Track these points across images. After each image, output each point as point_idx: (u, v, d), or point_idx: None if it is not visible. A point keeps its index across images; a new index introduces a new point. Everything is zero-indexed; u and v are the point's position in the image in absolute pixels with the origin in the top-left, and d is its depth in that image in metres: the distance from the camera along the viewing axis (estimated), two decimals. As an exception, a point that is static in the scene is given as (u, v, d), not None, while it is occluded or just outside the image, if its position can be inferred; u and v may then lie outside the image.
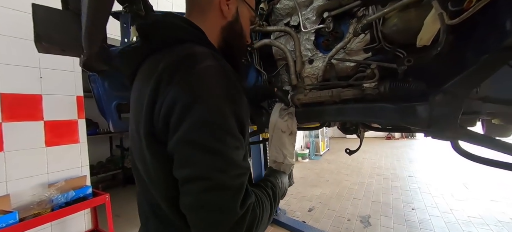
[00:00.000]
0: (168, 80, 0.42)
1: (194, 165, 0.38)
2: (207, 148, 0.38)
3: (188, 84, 0.40)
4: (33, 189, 1.64)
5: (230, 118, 0.40)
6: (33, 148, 1.68)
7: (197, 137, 0.38)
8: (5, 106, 1.56)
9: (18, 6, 1.62)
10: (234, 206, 0.38)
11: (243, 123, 0.44)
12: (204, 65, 0.42)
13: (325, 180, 4.34)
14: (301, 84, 1.08)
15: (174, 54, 0.46)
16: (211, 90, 0.40)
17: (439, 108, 0.62)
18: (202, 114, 0.38)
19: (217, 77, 0.42)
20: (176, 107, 0.39)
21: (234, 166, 0.40)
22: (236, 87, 0.44)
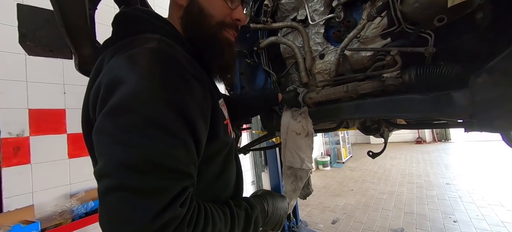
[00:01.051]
0: (103, 64, 0.38)
1: (102, 158, 0.31)
2: (119, 138, 0.30)
3: (114, 66, 0.35)
4: (56, 199, 1.70)
5: (162, 107, 0.32)
6: (57, 160, 1.76)
7: (110, 124, 0.31)
8: (33, 121, 1.68)
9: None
10: (143, 216, 0.29)
11: (193, 118, 0.36)
12: (140, 48, 0.37)
13: (349, 189, 4.04)
14: (312, 81, 0.99)
15: (122, 42, 0.42)
16: (140, 73, 0.33)
17: (484, 92, 0.49)
18: (122, 99, 0.31)
19: (153, 60, 0.35)
20: (101, 90, 0.34)
21: (153, 165, 0.30)
22: (181, 74, 0.37)
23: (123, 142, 0.30)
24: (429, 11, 0.61)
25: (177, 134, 0.33)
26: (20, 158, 1.60)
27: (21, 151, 1.61)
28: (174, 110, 0.33)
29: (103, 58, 0.41)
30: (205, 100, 0.40)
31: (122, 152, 0.30)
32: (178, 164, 0.33)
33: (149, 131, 0.31)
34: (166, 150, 0.32)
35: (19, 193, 1.58)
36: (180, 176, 0.33)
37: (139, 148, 0.30)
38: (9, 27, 1.65)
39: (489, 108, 0.48)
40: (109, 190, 0.30)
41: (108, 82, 0.33)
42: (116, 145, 0.31)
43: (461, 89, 0.55)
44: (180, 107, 0.34)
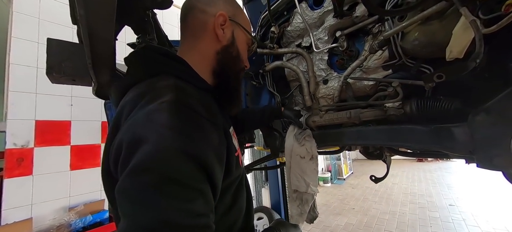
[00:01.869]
0: (125, 117, 0.39)
1: (126, 220, 0.32)
2: (139, 200, 0.31)
3: (135, 124, 0.36)
4: (54, 212, 1.69)
5: (180, 162, 0.33)
6: (59, 171, 1.77)
7: (130, 185, 0.32)
8: (39, 132, 1.70)
9: (58, 44, 1.84)
10: None
11: (210, 165, 0.37)
12: (157, 102, 0.38)
13: (351, 208, 3.96)
14: (316, 105, 1.02)
15: (140, 88, 0.44)
16: (158, 130, 0.34)
17: (483, 130, 0.52)
18: (141, 159, 0.32)
19: (169, 114, 0.36)
20: (122, 149, 0.35)
21: (172, 226, 0.31)
22: (198, 123, 0.39)
23: (142, 203, 0.31)
24: (428, 49, 0.65)
25: (195, 186, 0.34)
26: (22, 169, 1.60)
27: (24, 162, 1.62)
28: (192, 162, 0.34)
29: (122, 109, 0.42)
30: (221, 144, 0.42)
31: (141, 215, 0.31)
32: (196, 219, 0.33)
33: (167, 189, 0.32)
34: (184, 206, 0.33)
35: (19, 205, 1.57)
36: (201, 230, 0.34)
37: (157, 210, 0.31)
38: (23, 41, 1.71)
39: (488, 146, 0.50)
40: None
41: (129, 142, 0.35)
42: (135, 206, 0.32)
43: (461, 124, 0.57)
44: (197, 157, 0.35)
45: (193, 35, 0.54)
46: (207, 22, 0.52)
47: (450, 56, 0.48)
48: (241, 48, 0.58)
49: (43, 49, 1.77)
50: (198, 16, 0.53)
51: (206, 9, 0.53)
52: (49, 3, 1.88)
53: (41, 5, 1.84)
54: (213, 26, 0.52)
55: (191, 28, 0.54)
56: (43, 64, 1.76)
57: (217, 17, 0.52)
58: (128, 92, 0.47)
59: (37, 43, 1.78)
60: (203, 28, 0.53)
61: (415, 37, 0.66)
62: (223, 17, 0.52)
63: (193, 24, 0.54)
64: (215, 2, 0.54)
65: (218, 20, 0.52)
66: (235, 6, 0.58)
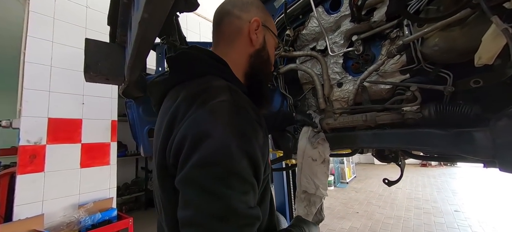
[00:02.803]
0: (182, 114, 0.42)
1: (192, 208, 0.35)
2: (208, 190, 0.34)
3: (199, 120, 0.39)
4: (64, 209, 1.71)
5: (240, 158, 0.37)
6: (70, 169, 1.79)
7: (198, 177, 0.35)
8: (51, 130, 1.73)
9: (69, 42, 1.88)
10: None
11: (258, 163, 0.40)
12: (217, 100, 0.41)
13: (354, 212, 3.95)
14: (330, 108, 1.03)
15: (192, 87, 0.47)
16: (221, 127, 0.38)
17: (506, 135, 0.53)
18: (208, 152, 0.35)
19: (230, 113, 0.40)
20: (186, 142, 0.38)
21: (237, 214, 0.35)
22: (251, 123, 0.42)
23: (210, 193, 0.34)
24: (448, 55, 0.66)
25: (250, 180, 0.38)
26: (35, 166, 1.63)
27: (37, 159, 1.64)
28: (247, 158, 0.37)
29: (177, 107, 0.44)
30: (264, 143, 0.44)
31: (211, 204, 0.34)
32: (252, 209, 0.37)
33: (231, 181, 0.35)
34: (244, 198, 0.36)
35: (30, 201, 1.59)
36: (255, 221, 0.38)
37: (224, 200, 0.34)
38: (38, 40, 1.75)
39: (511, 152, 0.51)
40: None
41: (194, 135, 0.37)
42: (205, 196, 0.34)
43: (482, 129, 0.58)
44: (251, 155, 0.38)
45: (228, 39, 0.57)
46: (242, 27, 0.56)
47: (479, 62, 0.49)
48: (271, 52, 0.61)
49: (57, 48, 1.81)
50: (234, 21, 0.56)
51: (242, 15, 0.56)
52: (64, 3, 1.92)
53: (56, 5, 1.88)
54: (248, 31, 0.55)
55: (226, 33, 0.57)
56: (57, 62, 1.78)
57: (252, 23, 0.55)
58: (172, 90, 0.50)
59: (52, 42, 1.81)
60: (239, 33, 0.56)
61: (435, 42, 0.67)
62: (257, 22, 0.56)
63: (229, 29, 0.56)
64: (249, 8, 0.57)
65: (253, 26, 0.55)
66: (265, 12, 0.62)
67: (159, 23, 0.35)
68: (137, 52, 0.41)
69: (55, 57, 1.81)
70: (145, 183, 4.58)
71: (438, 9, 0.65)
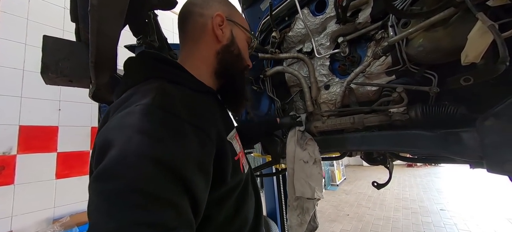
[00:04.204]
0: (102, 122, 0.38)
1: (89, 224, 0.29)
2: (102, 207, 0.28)
3: (109, 128, 0.35)
4: (37, 224, 1.57)
5: (148, 170, 0.30)
6: (43, 180, 1.66)
7: (93, 192, 0.30)
8: (22, 138, 1.60)
9: (47, 46, 1.77)
10: None
11: (181, 174, 0.32)
12: (134, 105, 0.36)
13: (345, 214, 3.96)
14: (317, 110, 1.01)
15: (126, 93, 0.42)
16: (128, 135, 0.32)
17: (493, 135, 0.52)
18: (107, 165, 0.30)
19: (143, 117, 0.34)
20: (95, 151, 0.34)
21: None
22: (174, 127, 0.35)
23: (105, 212, 0.28)
24: (433, 55, 0.65)
25: (166, 197, 0.30)
26: (3, 178, 1.49)
27: (6, 170, 1.51)
28: (163, 171, 0.31)
29: (108, 113, 0.40)
30: (204, 150, 0.38)
31: (104, 223, 0.27)
32: (170, 225, 0.29)
33: (132, 199, 0.28)
34: (150, 219, 0.28)
35: (-3, 218, 1.45)
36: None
37: (119, 220, 0.27)
38: (9, 42, 1.63)
39: (499, 151, 0.50)
40: None
41: (100, 145, 0.33)
42: (99, 214, 0.28)
43: (469, 129, 0.57)
44: (169, 165, 0.32)
45: (192, 39, 0.54)
46: (206, 24, 0.52)
47: (466, 61, 0.48)
48: (242, 46, 0.57)
49: (30, 51, 1.69)
50: (197, 20, 0.53)
51: (203, 12, 0.53)
52: (38, 3, 1.81)
53: (30, 5, 1.76)
54: (211, 27, 0.52)
55: (191, 33, 0.54)
56: (30, 66, 1.67)
57: (214, 18, 0.52)
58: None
59: (25, 44, 1.69)
60: (202, 31, 0.53)
61: (420, 43, 0.66)
62: (220, 17, 0.53)
63: (192, 28, 0.53)
64: (211, 4, 0.54)
65: (216, 21, 0.52)
66: (230, 6, 0.59)
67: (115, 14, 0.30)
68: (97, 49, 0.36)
69: (28, 60, 1.70)
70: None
71: (421, 10, 0.65)
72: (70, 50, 0.46)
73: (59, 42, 0.46)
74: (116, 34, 0.36)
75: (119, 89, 0.47)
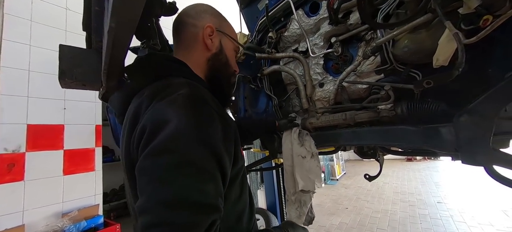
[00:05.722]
0: (144, 109, 0.43)
1: (144, 195, 0.35)
2: (159, 178, 0.35)
3: (158, 111, 0.41)
4: (47, 218, 1.65)
5: (196, 146, 0.37)
6: (51, 177, 1.72)
7: (150, 165, 0.36)
8: (30, 137, 1.66)
9: (48, 46, 1.81)
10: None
11: (217, 152, 0.40)
12: (176, 93, 0.43)
13: (344, 208, 4.05)
14: (312, 107, 1.06)
15: (154, 86, 0.48)
16: (178, 116, 0.38)
17: (466, 130, 0.57)
18: (162, 141, 0.36)
19: (187, 104, 0.41)
20: (146, 131, 0.39)
21: (188, 202, 0.34)
22: (210, 114, 0.42)
23: (162, 180, 0.34)
24: (417, 55, 0.70)
25: (208, 170, 0.37)
26: (13, 175, 1.56)
27: (16, 167, 1.57)
28: (206, 149, 0.38)
29: (140, 103, 0.45)
30: (227, 136, 0.44)
31: (161, 191, 0.34)
32: (209, 198, 0.36)
33: (185, 169, 0.35)
34: (199, 186, 0.35)
35: (10, 212, 1.52)
36: (210, 211, 0.36)
37: (176, 187, 0.34)
38: (14, 43, 1.68)
39: (471, 144, 0.56)
40: (150, 225, 0.33)
41: (152, 125, 0.38)
42: (155, 183, 0.34)
43: (447, 125, 0.62)
44: (210, 145, 0.39)
45: (186, 46, 0.60)
46: (198, 34, 0.58)
47: (437, 64, 0.53)
48: (229, 55, 0.64)
49: (35, 51, 1.74)
50: (190, 29, 0.59)
51: (196, 23, 0.59)
52: (41, 5, 1.85)
53: (33, 7, 1.80)
54: (202, 37, 0.58)
55: (184, 41, 0.60)
56: (35, 67, 1.72)
57: (205, 29, 0.58)
58: (136, 95, 0.50)
59: (29, 45, 1.74)
60: (195, 40, 0.59)
61: (405, 44, 0.71)
62: (210, 28, 0.59)
63: (185, 37, 0.59)
64: (203, 16, 0.60)
65: (206, 31, 0.58)
66: (220, 18, 0.65)
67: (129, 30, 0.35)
68: (111, 58, 0.41)
69: (33, 61, 1.74)
70: (134, 188, 4.48)
71: (406, 13, 0.69)
72: (84, 57, 0.51)
73: (73, 50, 0.51)
74: (127, 45, 0.41)
75: (127, 89, 0.53)
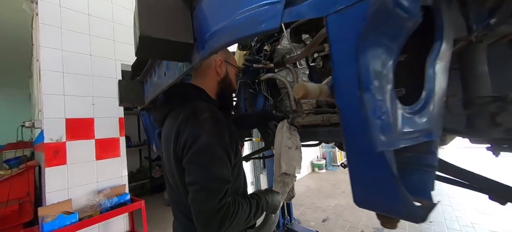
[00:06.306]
0: (184, 127, 0.71)
1: (193, 175, 0.65)
2: (201, 166, 0.65)
3: (194, 129, 0.69)
4: (86, 195, 2.02)
5: (217, 148, 0.66)
6: (87, 161, 2.08)
7: (195, 159, 0.65)
8: (68, 129, 1.99)
9: (76, 49, 2.09)
10: (213, 201, 0.63)
11: (228, 151, 0.69)
12: (203, 117, 0.71)
13: (341, 191, 4.35)
14: (299, 109, 1.31)
15: (186, 109, 0.75)
16: (207, 132, 0.67)
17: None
18: (200, 146, 0.65)
19: (211, 124, 0.69)
20: (188, 141, 0.67)
21: (216, 178, 0.65)
22: (224, 128, 0.70)
23: (202, 167, 0.64)
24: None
25: (224, 161, 0.67)
26: (58, 159, 1.91)
27: (60, 154, 1.92)
28: (223, 150, 0.67)
29: (179, 124, 0.73)
30: (232, 140, 0.73)
31: (202, 172, 0.64)
32: (226, 176, 0.67)
33: (214, 162, 0.65)
34: (222, 170, 0.66)
35: (58, 189, 1.89)
36: (227, 182, 0.67)
37: (210, 170, 0.64)
38: (49, 49, 1.96)
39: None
40: (198, 190, 0.63)
41: (192, 138, 0.67)
42: (198, 168, 0.65)
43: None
44: (224, 147, 0.68)
45: (202, 74, 0.86)
46: (211, 64, 0.85)
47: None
48: (232, 77, 0.92)
49: (66, 55, 2.03)
50: (206, 61, 0.84)
51: (210, 57, 0.83)
52: (67, 13, 2.10)
53: (61, 15, 2.06)
54: (214, 67, 0.85)
55: (201, 70, 0.86)
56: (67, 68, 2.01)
57: (216, 61, 0.85)
58: (172, 113, 0.79)
59: (61, 50, 2.02)
60: (209, 68, 0.85)
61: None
62: (220, 60, 0.85)
63: (202, 67, 0.85)
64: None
65: (217, 63, 0.85)
66: (227, 52, 0.91)
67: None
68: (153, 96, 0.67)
69: (65, 63, 2.04)
70: (149, 171, 4.91)
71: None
72: (133, 87, 0.78)
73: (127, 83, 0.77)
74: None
75: (165, 108, 0.82)
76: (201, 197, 0.63)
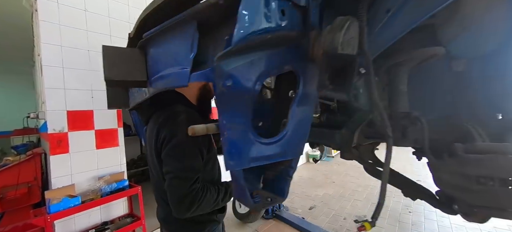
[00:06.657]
0: (163, 126, 0.86)
1: (169, 166, 0.81)
2: (175, 158, 0.81)
3: (172, 128, 0.84)
4: (88, 180, 2.22)
5: (190, 144, 0.82)
6: (88, 150, 2.26)
7: (171, 153, 0.82)
8: (70, 120, 2.15)
9: (74, 45, 2.21)
10: (185, 187, 0.79)
11: (201, 148, 0.86)
12: (180, 118, 0.86)
13: (331, 182, 4.56)
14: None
15: (166, 112, 0.90)
16: (182, 131, 0.80)
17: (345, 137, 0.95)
18: (176, 142, 0.81)
19: (186, 124, 0.80)
20: (166, 138, 0.83)
21: (188, 168, 0.82)
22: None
23: (177, 159, 0.80)
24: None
25: (197, 155, 0.84)
26: (62, 148, 2.09)
27: (62, 143, 2.10)
28: (195, 146, 0.84)
29: (160, 124, 0.89)
30: (206, 139, 0.89)
31: (177, 163, 0.80)
32: (198, 166, 0.84)
33: (186, 155, 0.81)
34: (193, 162, 0.82)
35: (62, 175, 2.09)
36: (197, 171, 0.84)
37: (183, 162, 0.81)
38: (50, 45, 2.08)
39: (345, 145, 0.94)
40: (173, 178, 0.80)
41: (169, 135, 0.83)
42: (174, 160, 0.81)
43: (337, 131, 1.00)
44: (197, 144, 0.84)
45: None
46: None
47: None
48: (211, 85, 1.01)
49: (65, 51, 2.15)
50: None
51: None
52: (65, 9, 2.20)
53: (59, 11, 2.16)
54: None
55: None
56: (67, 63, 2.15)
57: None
58: (154, 115, 0.95)
59: (61, 46, 2.14)
60: None
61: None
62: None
63: None
64: None
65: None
66: None
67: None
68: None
69: (65, 59, 2.16)
70: (149, 158, 5.14)
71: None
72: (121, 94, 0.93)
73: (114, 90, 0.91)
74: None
75: (149, 110, 0.98)
76: (175, 183, 0.80)
